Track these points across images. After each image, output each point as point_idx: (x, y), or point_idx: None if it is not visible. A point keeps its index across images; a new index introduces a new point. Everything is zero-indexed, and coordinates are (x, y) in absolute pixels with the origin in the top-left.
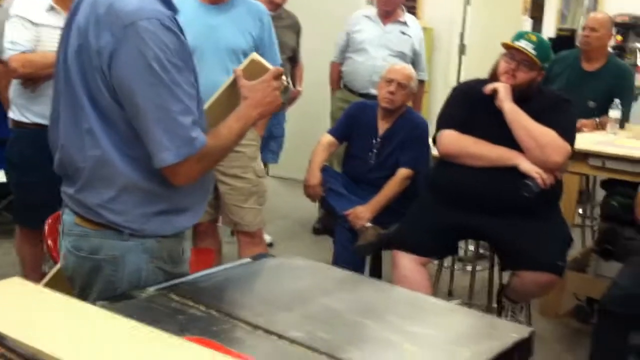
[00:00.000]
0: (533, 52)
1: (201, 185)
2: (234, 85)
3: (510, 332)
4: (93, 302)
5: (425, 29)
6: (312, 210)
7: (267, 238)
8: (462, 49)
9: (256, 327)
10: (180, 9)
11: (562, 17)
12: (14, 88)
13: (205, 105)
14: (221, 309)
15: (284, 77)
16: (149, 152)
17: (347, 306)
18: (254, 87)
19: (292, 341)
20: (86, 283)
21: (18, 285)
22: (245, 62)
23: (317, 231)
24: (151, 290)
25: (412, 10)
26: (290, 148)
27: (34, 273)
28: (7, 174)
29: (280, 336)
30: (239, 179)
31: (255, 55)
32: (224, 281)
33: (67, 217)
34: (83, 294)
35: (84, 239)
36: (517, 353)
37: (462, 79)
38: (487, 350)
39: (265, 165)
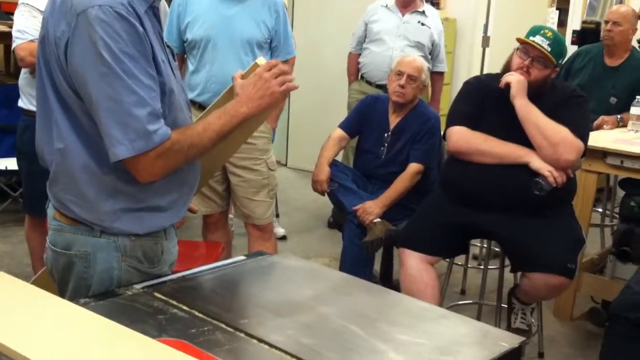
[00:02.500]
0: (548, 48)
1: (180, 184)
2: (233, 89)
3: (500, 341)
4: (72, 299)
5: (448, 20)
6: (328, 203)
7: (281, 231)
8: (485, 41)
9: (237, 329)
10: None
11: (591, 8)
12: (22, 77)
13: (207, 109)
14: (204, 310)
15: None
16: (105, 144)
17: (337, 311)
18: (244, 83)
19: (272, 346)
20: (62, 279)
21: (1, 281)
22: (250, 66)
23: (331, 225)
24: (137, 288)
25: (435, 0)
26: (309, 140)
27: (41, 262)
28: (17, 162)
29: (260, 340)
30: (250, 171)
31: (260, 59)
32: (212, 280)
33: (49, 210)
34: (61, 291)
35: (59, 233)
36: None
37: (486, 72)
38: None
39: None
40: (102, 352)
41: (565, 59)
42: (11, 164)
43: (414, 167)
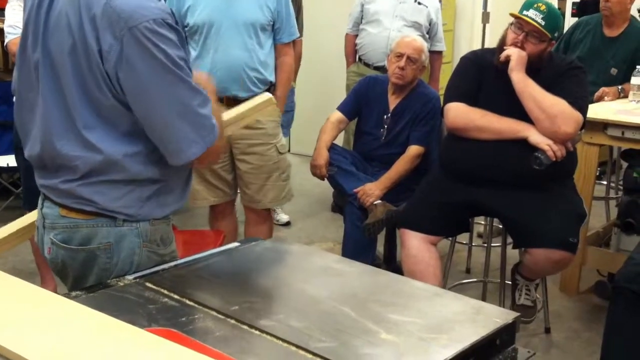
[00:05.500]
0: (541, 22)
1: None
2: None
3: (494, 317)
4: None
5: None
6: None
7: (285, 217)
8: (485, 17)
9: (227, 316)
10: None
11: None
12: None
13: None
14: (195, 298)
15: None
16: (171, 149)
17: (329, 293)
18: None
19: (262, 331)
20: (80, 274)
21: None
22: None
23: (335, 209)
24: (128, 278)
25: None
26: (311, 124)
27: (42, 258)
28: (16, 158)
29: (250, 326)
30: (260, 157)
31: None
32: (205, 268)
33: (49, 210)
34: (77, 285)
35: (73, 230)
36: (499, 339)
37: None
38: (465, 337)
39: None
40: (89, 344)
41: (565, 31)
42: (13, 160)
43: (414, 149)
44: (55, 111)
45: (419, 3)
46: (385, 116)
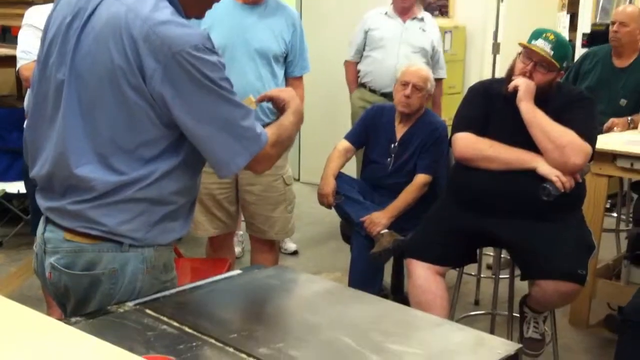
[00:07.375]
0: (550, 52)
1: (192, 191)
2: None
3: (496, 349)
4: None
5: (457, 28)
6: None
7: (293, 246)
8: (496, 48)
9: (226, 344)
10: (214, 5)
11: (604, 11)
12: (28, 98)
13: None
14: (194, 326)
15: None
16: (218, 161)
17: (329, 322)
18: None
19: None
20: (82, 298)
21: None
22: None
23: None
24: (129, 305)
25: (444, 8)
26: (320, 154)
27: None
28: (25, 183)
29: (249, 354)
30: (266, 189)
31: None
32: (205, 295)
33: (52, 234)
34: (78, 309)
35: (77, 254)
36: None
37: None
38: None
39: None
40: None
41: (574, 62)
42: (23, 187)
43: (421, 178)
44: (76, 132)
45: (423, 30)
46: (392, 145)
